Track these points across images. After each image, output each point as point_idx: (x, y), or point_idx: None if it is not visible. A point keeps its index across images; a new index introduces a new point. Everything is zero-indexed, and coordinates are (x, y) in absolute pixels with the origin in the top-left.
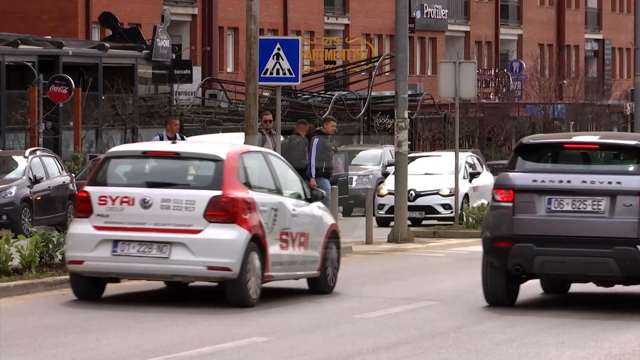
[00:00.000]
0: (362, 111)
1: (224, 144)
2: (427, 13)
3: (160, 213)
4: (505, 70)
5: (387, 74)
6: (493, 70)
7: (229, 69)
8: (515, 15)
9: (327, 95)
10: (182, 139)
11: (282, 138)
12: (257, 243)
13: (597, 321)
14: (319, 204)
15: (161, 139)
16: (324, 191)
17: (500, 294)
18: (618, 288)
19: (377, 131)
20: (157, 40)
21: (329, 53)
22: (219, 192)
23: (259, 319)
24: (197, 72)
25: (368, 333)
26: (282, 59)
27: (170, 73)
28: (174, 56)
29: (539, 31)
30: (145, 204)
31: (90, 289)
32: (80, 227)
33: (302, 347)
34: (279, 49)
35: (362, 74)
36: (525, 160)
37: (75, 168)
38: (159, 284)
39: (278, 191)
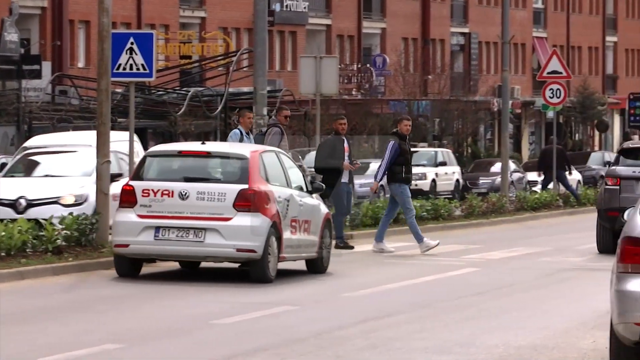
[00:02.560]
0: (219, 108)
1: (246, 145)
2: (286, 6)
3: (196, 204)
4: (368, 65)
5: (245, 69)
6: (355, 66)
7: (80, 65)
8: (378, 8)
9: (182, 92)
10: (262, 135)
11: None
12: (275, 229)
13: (464, 326)
14: (317, 195)
15: (242, 134)
16: (323, 185)
17: (608, 246)
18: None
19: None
20: (5, 34)
21: (184, 47)
22: (245, 186)
23: (112, 326)
24: (46, 67)
25: (225, 339)
26: (136, 54)
27: (19, 68)
28: (22, 51)
29: (403, 25)
30: (183, 195)
31: (130, 269)
32: (125, 216)
33: (155, 354)
34: (132, 44)
35: (219, 69)
36: (626, 159)
37: None
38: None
39: (288, 184)
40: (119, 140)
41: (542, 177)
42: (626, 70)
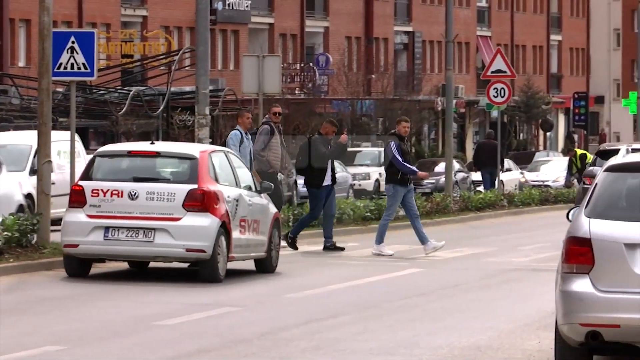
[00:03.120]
0: (161, 107)
1: (195, 145)
2: (229, 4)
3: (146, 204)
4: (311, 64)
5: (187, 68)
6: (298, 65)
7: (21, 64)
8: (321, 7)
9: (124, 91)
10: (253, 134)
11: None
12: (224, 229)
13: (409, 326)
14: (266, 195)
15: (242, 134)
16: (271, 184)
17: None
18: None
19: (177, 128)
20: None
21: (126, 46)
22: (195, 186)
23: (53, 327)
24: None
25: (168, 340)
26: (77, 53)
27: None
28: None
29: (346, 23)
30: (132, 196)
31: (80, 269)
32: (75, 216)
33: (96, 356)
34: (73, 42)
35: (161, 68)
36: (603, 160)
37: None
38: None
39: (237, 184)
40: (60, 140)
41: (479, 173)
42: (570, 69)
